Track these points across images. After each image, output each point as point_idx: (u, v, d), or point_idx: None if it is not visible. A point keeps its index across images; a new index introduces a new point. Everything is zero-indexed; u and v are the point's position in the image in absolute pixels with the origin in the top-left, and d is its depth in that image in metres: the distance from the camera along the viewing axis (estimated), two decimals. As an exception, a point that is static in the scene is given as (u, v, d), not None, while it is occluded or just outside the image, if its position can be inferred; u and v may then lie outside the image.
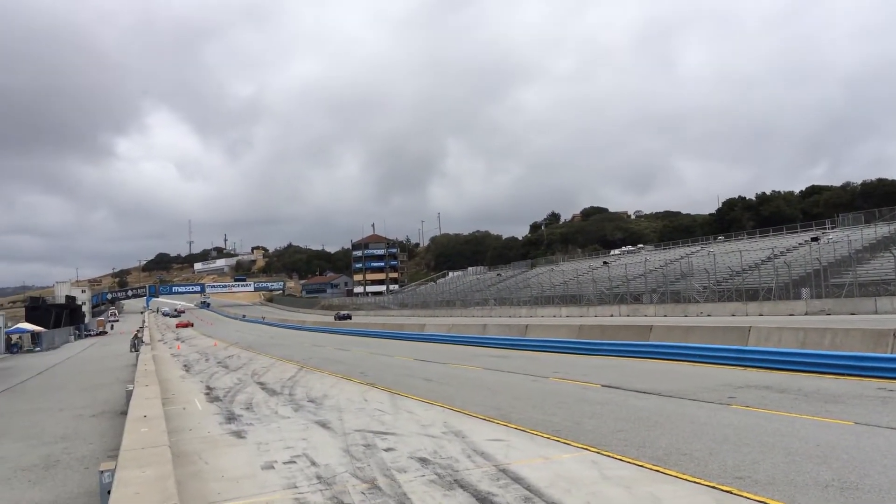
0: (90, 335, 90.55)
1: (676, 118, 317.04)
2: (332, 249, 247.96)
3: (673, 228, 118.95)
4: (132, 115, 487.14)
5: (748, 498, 7.47)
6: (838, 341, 18.27)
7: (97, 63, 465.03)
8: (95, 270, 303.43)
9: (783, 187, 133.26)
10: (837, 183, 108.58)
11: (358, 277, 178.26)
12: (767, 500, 7.33)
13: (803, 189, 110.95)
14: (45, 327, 70.32)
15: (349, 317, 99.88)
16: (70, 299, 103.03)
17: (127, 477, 6.98)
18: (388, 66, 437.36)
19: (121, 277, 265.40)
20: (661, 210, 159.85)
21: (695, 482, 8.15)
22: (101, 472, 7.73)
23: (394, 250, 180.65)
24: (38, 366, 41.39)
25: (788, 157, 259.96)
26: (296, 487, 8.88)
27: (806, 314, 41.33)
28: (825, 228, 68.04)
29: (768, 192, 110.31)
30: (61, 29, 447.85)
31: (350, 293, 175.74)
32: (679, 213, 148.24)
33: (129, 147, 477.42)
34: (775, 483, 7.95)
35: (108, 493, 6.85)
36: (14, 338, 61.81)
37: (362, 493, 8.43)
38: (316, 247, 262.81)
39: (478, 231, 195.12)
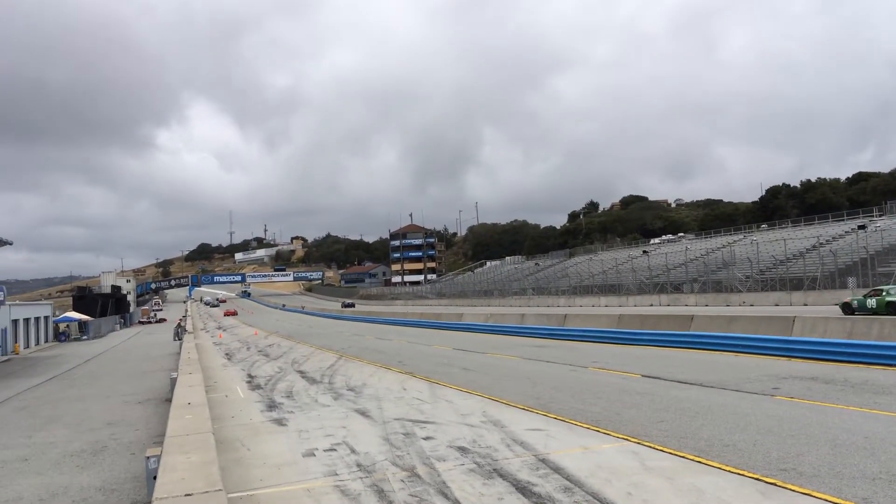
0: (150, 322, 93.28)
1: (717, 104, 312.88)
2: (369, 239, 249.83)
3: (714, 217, 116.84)
4: (172, 107, 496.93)
5: (793, 490, 7.34)
6: (886, 331, 17.85)
7: (137, 56, 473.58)
8: (139, 260, 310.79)
9: (829, 174, 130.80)
10: (885, 169, 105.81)
11: (396, 267, 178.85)
12: (813, 493, 7.19)
13: (850, 176, 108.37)
14: (91, 316, 71.87)
15: (353, 305, 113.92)
16: (115, 289, 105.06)
17: (172, 462, 7.10)
18: (424, 56, 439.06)
19: (164, 267, 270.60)
20: (703, 198, 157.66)
21: (738, 474, 8.04)
22: (148, 457, 7.88)
23: (431, 240, 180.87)
24: (85, 354, 42.43)
25: (834, 142, 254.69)
26: (336, 475, 8.97)
27: (852, 304, 40.32)
28: (873, 216, 66.37)
29: (813, 180, 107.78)
30: (102, 23, 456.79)
31: (388, 283, 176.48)
32: (721, 201, 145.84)
33: (169, 138, 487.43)
34: (821, 475, 7.80)
35: (154, 478, 6.99)
36: (62, 326, 63.44)
37: (402, 480, 8.48)
38: (354, 237, 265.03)
39: (515, 220, 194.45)
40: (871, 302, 30.90)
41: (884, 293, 30.77)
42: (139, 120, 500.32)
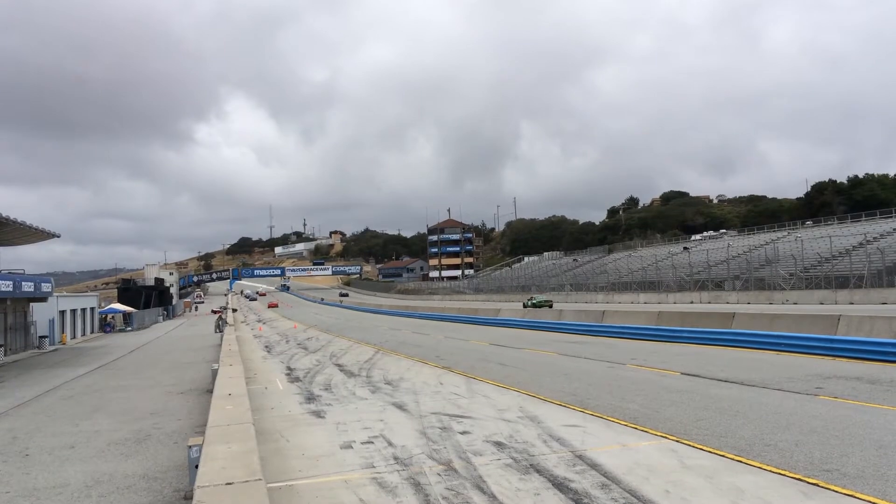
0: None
1: (760, 97, 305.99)
2: (407, 234, 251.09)
3: (758, 213, 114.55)
4: (210, 101, 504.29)
5: (836, 491, 7.20)
6: (936, 332, 17.35)
7: (176, 51, 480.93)
8: (182, 254, 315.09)
9: (877, 170, 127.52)
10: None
11: (433, 262, 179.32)
12: (856, 494, 7.04)
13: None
14: (135, 308, 73.45)
15: (347, 294, 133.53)
16: (159, 281, 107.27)
17: (214, 452, 7.23)
18: (460, 49, 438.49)
19: (206, 261, 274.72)
20: (745, 194, 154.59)
21: (779, 474, 7.91)
22: (190, 446, 8.04)
23: (469, 235, 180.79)
24: (129, 345, 43.35)
25: (883, 137, 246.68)
26: (373, 467, 9.05)
27: (900, 303, 39.32)
28: (923, 213, 64.59)
29: (861, 175, 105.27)
30: (142, 19, 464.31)
31: (426, 278, 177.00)
32: (764, 197, 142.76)
33: (208, 133, 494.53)
34: (865, 477, 7.63)
35: (196, 467, 7.12)
36: (108, 317, 64.91)
37: (438, 474, 8.52)
38: (392, 231, 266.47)
39: (554, 216, 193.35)
40: (529, 303, 57.98)
41: (533, 298, 60.50)
42: (179, 114, 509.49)
